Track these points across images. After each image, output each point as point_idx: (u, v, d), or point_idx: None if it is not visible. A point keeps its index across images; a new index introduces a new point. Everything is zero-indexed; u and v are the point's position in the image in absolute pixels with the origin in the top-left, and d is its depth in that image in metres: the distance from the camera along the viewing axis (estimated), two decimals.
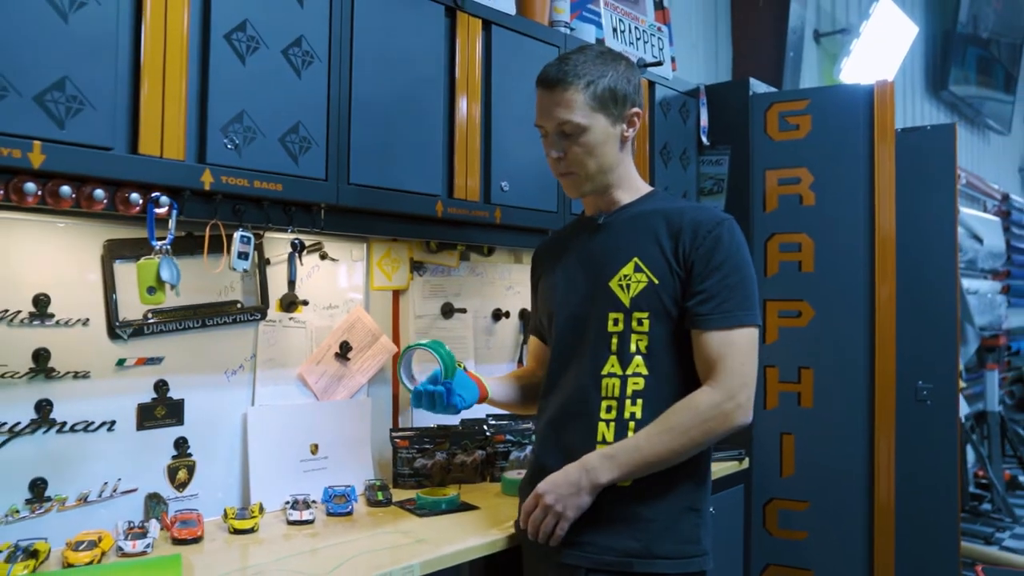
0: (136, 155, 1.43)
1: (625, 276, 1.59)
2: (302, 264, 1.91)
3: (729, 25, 3.92)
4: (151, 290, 1.49)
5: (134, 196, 1.45)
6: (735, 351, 1.50)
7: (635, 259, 1.59)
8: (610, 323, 1.58)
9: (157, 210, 1.50)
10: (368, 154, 1.80)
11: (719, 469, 2.55)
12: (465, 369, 1.69)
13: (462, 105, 2.03)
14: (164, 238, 1.53)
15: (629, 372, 1.56)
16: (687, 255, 1.55)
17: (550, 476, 1.55)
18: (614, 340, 1.58)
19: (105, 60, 1.38)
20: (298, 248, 1.81)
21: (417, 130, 1.92)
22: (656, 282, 1.56)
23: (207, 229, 1.60)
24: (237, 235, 1.64)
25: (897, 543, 2.69)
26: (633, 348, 1.57)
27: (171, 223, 1.52)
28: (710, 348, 1.51)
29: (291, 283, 1.85)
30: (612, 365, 1.58)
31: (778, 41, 3.73)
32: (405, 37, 1.89)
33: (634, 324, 1.57)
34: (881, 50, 5.15)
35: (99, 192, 1.40)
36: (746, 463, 2.70)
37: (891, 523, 2.65)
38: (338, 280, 2.17)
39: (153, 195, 1.48)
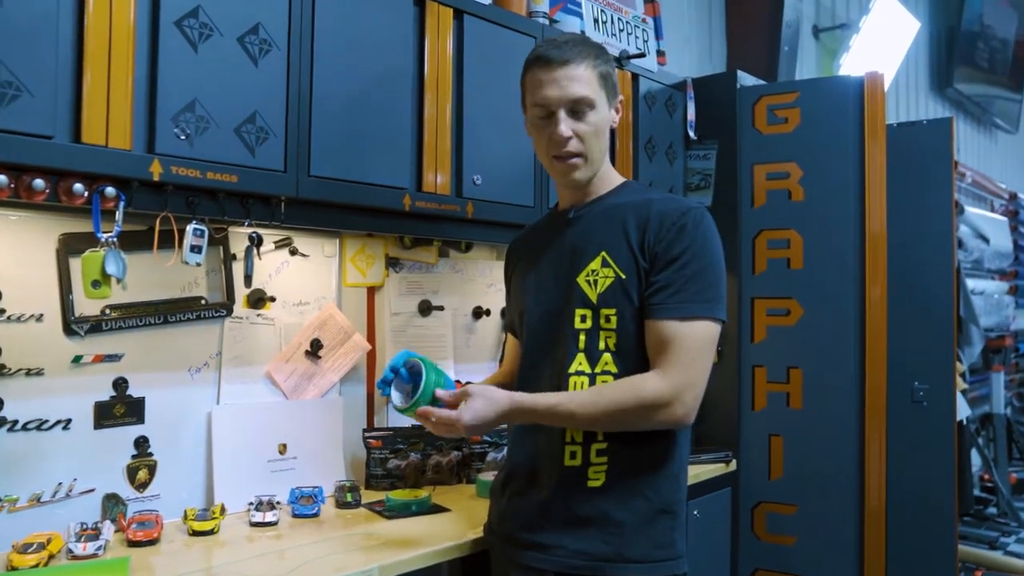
0: (79, 144, 1.39)
1: (593, 271, 1.53)
2: (260, 259, 1.86)
3: (723, 19, 3.85)
4: (96, 284, 1.44)
5: (77, 187, 1.40)
6: (687, 345, 1.44)
7: (603, 253, 1.53)
8: (577, 320, 1.53)
9: (104, 201, 1.45)
10: (330, 146, 1.75)
11: (705, 471, 2.49)
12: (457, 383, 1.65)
13: (432, 96, 1.97)
14: (112, 231, 1.48)
15: (598, 370, 1.51)
16: (651, 247, 1.49)
17: (480, 409, 1.42)
18: (582, 337, 1.52)
19: (44, 45, 1.33)
20: (256, 242, 1.76)
21: (383, 121, 1.87)
22: (623, 277, 1.50)
23: (157, 221, 1.55)
24: (190, 228, 1.59)
25: (891, 548, 2.62)
26: (602, 345, 1.51)
27: (118, 215, 1.47)
28: (660, 337, 1.45)
29: (247, 278, 1.80)
30: (580, 363, 1.52)
31: (772, 35, 3.66)
32: (370, 26, 1.84)
33: (602, 321, 1.51)
34: (882, 46, 5.06)
35: (39, 182, 1.36)
36: (733, 465, 2.63)
37: (882, 527, 2.58)
38: (309, 276, 2.12)
39: (99, 186, 1.43)
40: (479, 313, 2.55)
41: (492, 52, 2.11)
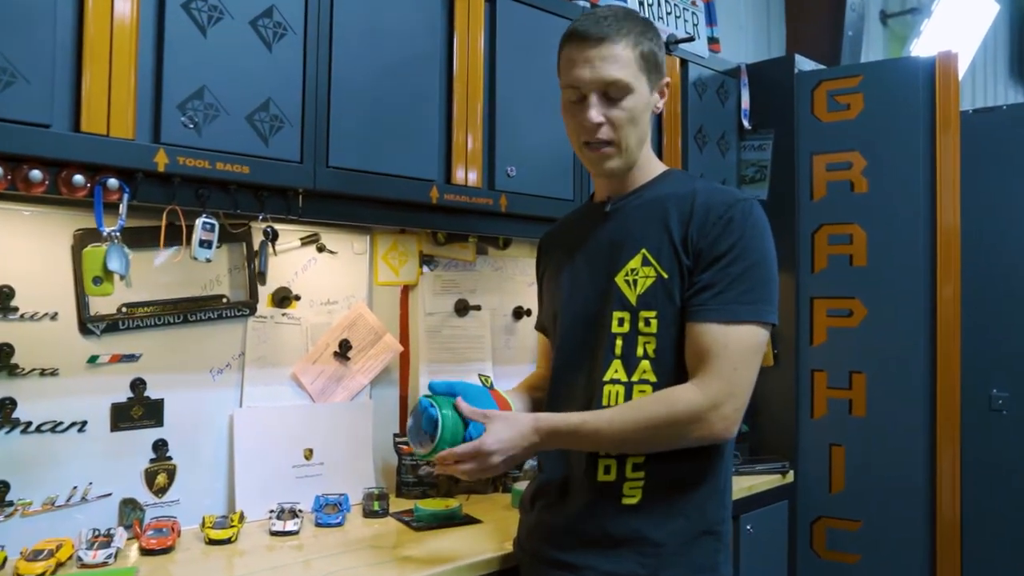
0: (79, 133, 1.32)
1: (632, 270, 1.39)
2: (275, 255, 1.78)
3: (782, 4, 3.65)
4: (97, 280, 1.37)
5: (78, 178, 1.34)
6: (729, 352, 1.29)
7: (643, 251, 1.39)
8: (615, 323, 1.39)
9: (107, 194, 1.38)
10: (351, 135, 1.66)
11: (759, 483, 2.34)
12: (491, 388, 1.52)
13: (461, 83, 1.87)
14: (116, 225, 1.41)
15: (635, 379, 1.37)
16: (695, 243, 1.34)
17: (504, 435, 1.31)
18: (619, 342, 1.39)
19: (41, 27, 1.27)
20: (270, 237, 1.67)
21: (409, 110, 1.77)
22: (665, 276, 1.36)
23: (164, 215, 1.48)
24: (199, 221, 1.51)
25: (965, 568, 2.42)
26: (640, 352, 1.37)
27: (122, 208, 1.40)
28: (699, 342, 1.31)
29: (261, 275, 1.72)
30: (616, 371, 1.39)
31: (835, 20, 3.45)
32: (395, 9, 1.74)
33: (641, 324, 1.37)
34: (956, 31, 4.77)
35: (36, 173, 1.29)
36: (790, 477, 2.47)
37: (957, 545, 2.38)
38: (337, 274, 2.04)
39: (101, 177, 1.37)
40: (519, 313, 2.44)
41: (527, 36, 1.99)
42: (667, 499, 1.36)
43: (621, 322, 1.39)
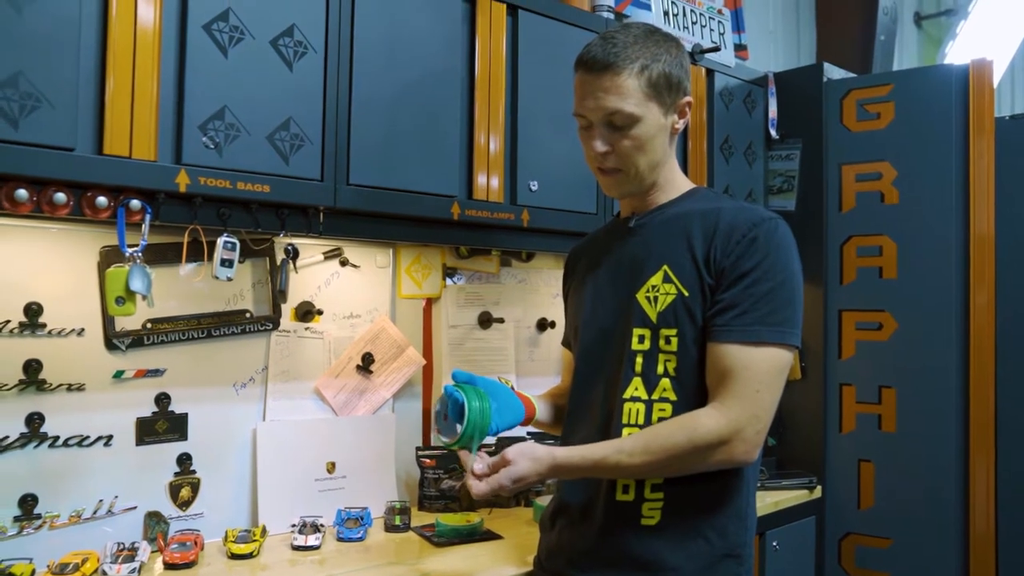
0: (102, 156, 1.34)
1: (653, 287, 1.37)
2: (296, 272, 1.79)
3: (812, 9, 3.60)
4: (120, 300, 1.39)
5: (101, 200, 1.36)
6: (751, 374, 1.27)
7: (664, 267, 1.37)
8: (635, 340, 1.38)
9: (130, 215, 1.40)
10: (371, 152, 1.66)
11: (786, 498, 2.31)
12: (513, 388, 1.51)
13: (483, 98, 1.87)
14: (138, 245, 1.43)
15: (655, 397, 1.35)
16: (718, 261, 1.32)
17: (524, 472, 1.29)
18: (639, 360, 1.37)
19: (66, 54, 1.29)
20: (291, 255, 1.68)
21: (430, 126, 1.77)
22: (686, 294, 1.34)
23: (185, 235, 1.49)
24: (220, 240, 1.52)
25: None
26: (661, 370, 1.36)
27: (144, 228, 1.42)
28: (721, 364, 1.29)
29: (281, 293, 1.73)
30: (636, 388, 1.37)
31: (867, 24, 3.38)
32: (415, 25, 1.74)
33: (661, 342, 1.35)
34: (994, 32, 4.66)
35: (60, 195, 1.31)
36: (818, 492, 2.43)
37: (991, 565, 2.32)
38: (360, 288, 2.05)
39: (123, 199, 1.38)
40: (543, 325, 2.43)
41: (550, 49, 1.98)
42: (686, 521, 1.34)
43: (641, 339, 1.37)
